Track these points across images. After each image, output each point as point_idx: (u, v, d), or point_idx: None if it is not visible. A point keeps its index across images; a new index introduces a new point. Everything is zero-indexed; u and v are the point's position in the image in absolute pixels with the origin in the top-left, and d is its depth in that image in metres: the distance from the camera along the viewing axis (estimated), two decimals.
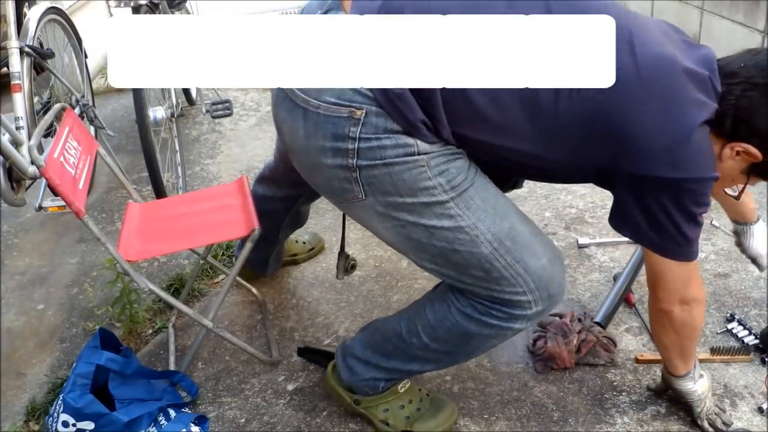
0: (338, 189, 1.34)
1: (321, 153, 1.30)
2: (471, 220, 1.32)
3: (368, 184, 1.30)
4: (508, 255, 1.34)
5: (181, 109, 2.89)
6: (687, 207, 1.27)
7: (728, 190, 1.48)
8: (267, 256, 2.12)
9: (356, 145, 1.25)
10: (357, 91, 1.23)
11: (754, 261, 1.78)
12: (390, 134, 1.25)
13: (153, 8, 2.90)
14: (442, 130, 1.26)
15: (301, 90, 1.28)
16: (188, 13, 3.70)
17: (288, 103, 1.32)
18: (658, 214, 1.28)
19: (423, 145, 1.26)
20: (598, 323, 1.86)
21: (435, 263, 1.39)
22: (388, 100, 1.22)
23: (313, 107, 1.27)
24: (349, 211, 1.44)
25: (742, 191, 1.43)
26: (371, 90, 1.23)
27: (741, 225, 1.76)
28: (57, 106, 1.90)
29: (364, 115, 1.23)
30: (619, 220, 1.36)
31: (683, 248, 1.34)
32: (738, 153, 1.29)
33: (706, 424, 1.56)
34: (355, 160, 1.27)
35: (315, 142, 1.30)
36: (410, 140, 1.25)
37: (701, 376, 1.57)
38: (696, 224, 1.31)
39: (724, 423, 1.56)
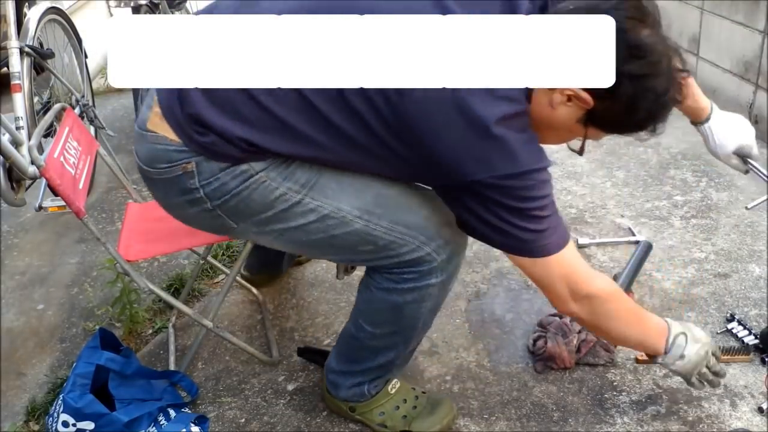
0: (215, 226, 1.45)
1: (181, 207, 1.41)
2: (333, 205, 1.35)
3: (232, 214, 1.38)
4: (382, 220, 1.36)
5: None
6: (512, 204, 1.25)
7: (572, 145, 1.40)
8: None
9: (202, 192, 1.34)
10: (180, 150, 1.31)
11: (729, 163, 1.66)
12: (224, 171, 1.31)
13: (153, 8, 2.90)
14: (269, 153, 1.31)
15: (140, 160, 1.40)
16: (188, 13, 3.71)
17: (141, 173, 1.43)
18: (489, 217, 1.27)
19: (257, 165, 1.31)
20: None
21: (328, 253, 1.47)
22: (207, 150, 1.29)
23: (155, 174, 1.38)
24: (237, 237, 1.56)
25: (582, 145, 1.35)
26: (187, 145, 1.30)
27: (698, 125, 1.68)
28: (57, 106, 1.90)
29: (195, 166, 1.32)
30: (463, 228, 1.36)
31: (531, 245, 1.30)
32: (569, 98, 1.24)
33: (696, 383, 1.53)
34: (209, 203, 1.36)
35: (171, 201, 1.42)
36: (244, 166, 1.31)
37: (682, 357, 1.48)
38: (535, 218, 1.27)
39: (716, 374, 1.52)
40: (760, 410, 1.61)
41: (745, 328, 1.84)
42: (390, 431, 1.60)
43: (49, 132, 2.41)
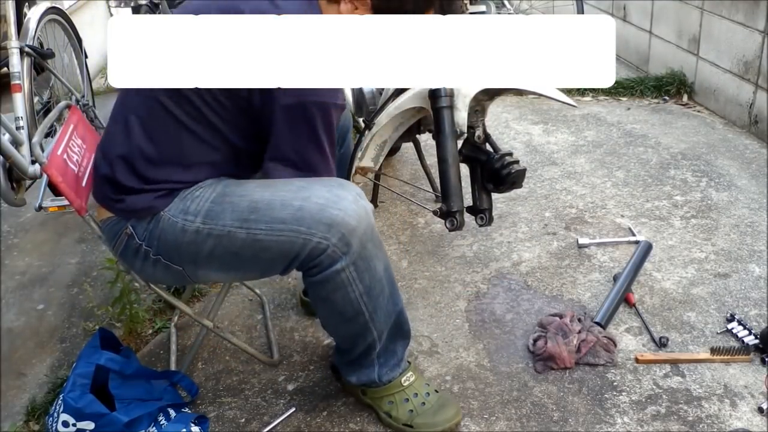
0: (173, 275, 1.53)
1: (143, 269, 1.55)
2: (218, 224, 1.44)
3: (171, 258, 1.49)
4: (260, 224, 1.41)
5: None
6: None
7: None
8: None
9: (144, 246, 1.48)
10: (117, 221, 1.50)
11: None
12: (150, 222, 1.46)
13: (153, 8, 2.90)
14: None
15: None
16: None
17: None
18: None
19: (165, 209, 1.46)
20: (598, 323, 1.86)
21: (247, 270, 1.53)
22: (128, 212, 1.47)
23: (116, 252, 1.55)
24: (197, 281, 1.70)
25: None
26: (118, 215, 1.48)
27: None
28: (61, 104, 1.90)
29: (131, 228, 1.48)
30: (273, 168, 1.45)
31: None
32: (356, 7, 1.36)
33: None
34: (152, 253, 1.48)
35: (136, 266, 1.55)
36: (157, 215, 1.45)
37: None
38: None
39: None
40: (760, 410, 1.61)
41: (745, 328, 1.84)
42: (394, 422, 1.61)
43: (50, 132, 2.42)
